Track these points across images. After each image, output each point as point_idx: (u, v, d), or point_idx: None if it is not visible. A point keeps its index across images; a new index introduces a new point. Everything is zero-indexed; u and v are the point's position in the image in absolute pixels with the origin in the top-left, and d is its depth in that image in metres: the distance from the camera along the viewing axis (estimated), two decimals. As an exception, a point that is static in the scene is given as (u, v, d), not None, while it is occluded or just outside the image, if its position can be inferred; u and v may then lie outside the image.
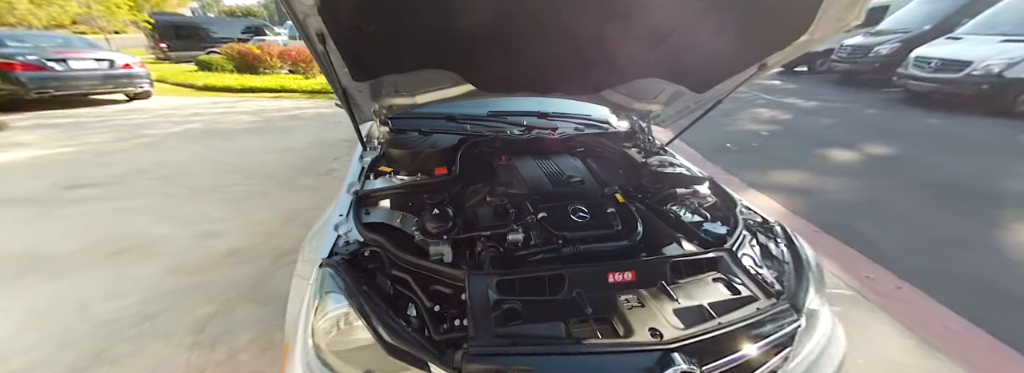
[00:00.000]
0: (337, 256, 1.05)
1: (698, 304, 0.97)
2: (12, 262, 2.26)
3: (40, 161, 3.91)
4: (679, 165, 1.78)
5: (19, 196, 3.06)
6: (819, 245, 2.75)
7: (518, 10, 1.08)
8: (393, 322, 0.89)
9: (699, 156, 4.87)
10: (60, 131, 4.94)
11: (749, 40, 1.27)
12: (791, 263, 1.20)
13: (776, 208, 3.40)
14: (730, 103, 8.24)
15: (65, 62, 5.86)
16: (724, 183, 3.94)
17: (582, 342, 0.86)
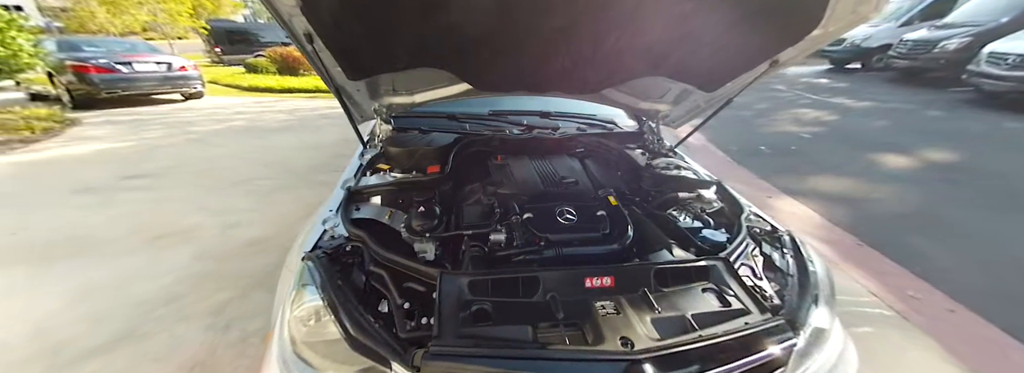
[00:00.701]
0: (319, 250, 1.08)
1: (680, 315, 0.91)
2: (71, 244, 2.53)
3: (105, 153, 4.36)
4: (686, 168, 1.68)
5: (85, 185, 3.42)
6: (860, 260, 2.52)
7: (506, 7, 1.05)
8: (362, 318, 0.89)
9: (727, 159, 4.60)
10: (124, 127, 5.48)
11: (757, 35, 1.19)
12: (795, 276, 1.10)
13: (812, 217, 3.14)
14: (767, 102, 7.83)
15: (131, 65, 6.50)
16: (754, 189, 3.67)
17: (546, 347, 0.83)
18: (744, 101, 7.54)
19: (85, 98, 6.35)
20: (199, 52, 16.62)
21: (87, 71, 6.14)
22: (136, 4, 12.31)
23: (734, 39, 1.20)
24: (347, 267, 1.05)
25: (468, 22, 1.10)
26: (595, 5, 1.06)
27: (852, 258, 2.55)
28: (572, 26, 1.14)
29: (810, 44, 1.18)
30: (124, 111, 6.45)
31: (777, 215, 3.14)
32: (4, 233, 2.63)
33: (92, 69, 6.16)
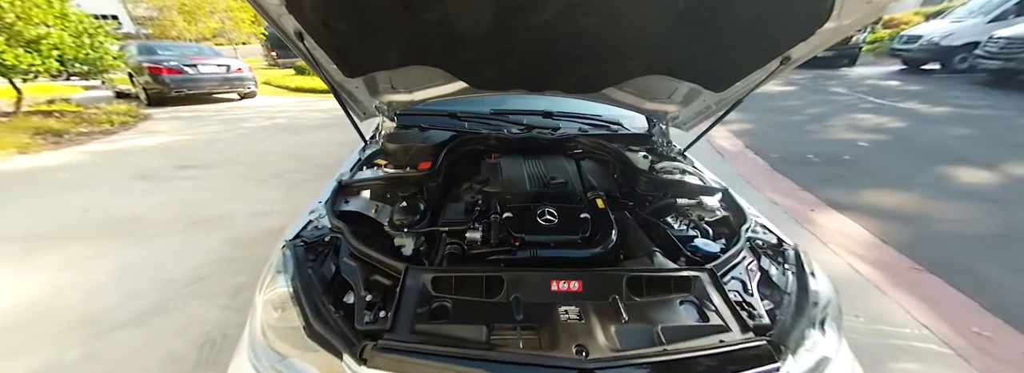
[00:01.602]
0: (299, 239, 1.10)
1: (648, 327, 0.85)
2: (125, 225, 2.82)
3: (166, 145, 4.86)
4: (693, 173, 1.56)
5: (144, 173, 3.83)
6: (913, 286, 2.21)
7: (489, 2, 1.02)
8: (323, 307, 0.90)
9: (766, 167, 4.24)
10: (185, 122, 6.08)
11: (765, 30, 1.09)
12: (793, 294, 0.99)
13: (860, 235, 2.80)
14: (822, 106, 7.21)
15: (196, 67, 7.23)
16: (794, 201, 3.36)
17: (495, 349, 0.80)
18: (793, 105, 6.96)
19: (157, 96, 7.14)
20: (259, 56, 18.17)
21: (160, 72, 6.90)
22: (207, 13, 13.75)
23: (740, 35, 1.11)
24: (322, 257, 1.07)
25: (453, 19, 1.08)
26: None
27: (903, 283, 2.24)
28: (563, 21, 1.09)
29: (824, 39, 1.09)
30: (188, 108, 7.17)
31: (818, 231, 2.84)
32: (78, 211, 3.00)
33: (164, 70, 6.91)
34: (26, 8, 4.84)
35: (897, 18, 13.21)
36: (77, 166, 4.08)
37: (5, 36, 4.82)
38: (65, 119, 5.61)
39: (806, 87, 8.54)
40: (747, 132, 5.61)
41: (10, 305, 1.97)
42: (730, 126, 5.93)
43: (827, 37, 1.10)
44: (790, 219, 3.04)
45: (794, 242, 1.22)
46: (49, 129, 5.12)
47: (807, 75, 9.93)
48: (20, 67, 4.98)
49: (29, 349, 1.69)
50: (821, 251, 2.60)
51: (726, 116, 1.59)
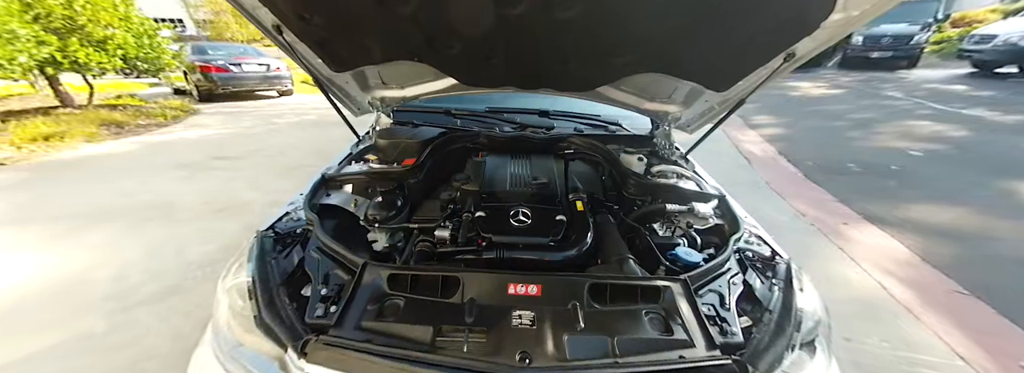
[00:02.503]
0: (272, 229, 1.14)
1: (604, 337, 0.80)
2: (155, 210, 3.07)
3: (207, 138, 5.25)
4: (690, 178, 1.47)
5: (183, 162, 4.15)
6: (951, 310, 1.97)
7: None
8: (278, 298, 0.92)
9: (798, 175, 3.95)
10: (227, 117, 6.54)
11: (762, 24, 1.00)
12: (775, 313, 0.90)
13: (897, 252, 2.54)
14: (873, 111, 6.67)
15: (240, 66, 7.77)
16: (825, 213, 3.12)
17: (435, 351, 0.79)
18: (837, 109, 6.44)
19: (207, 93, 7.73)
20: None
21: (209, 70, 7.47)
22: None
23: (734, 29, 1.03)
24: (290, 248, 1.10)
25: (426, 13, 1.07)
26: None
27: (940, 307, 2.00)
28: (541, 15, 1.05)
29: (831, 33, 0.99)
30: (232, 104, 7.70)
31: (848, 246, 2.60)
32: (121, 195, 3.30)
33: (213, 69, 7.48)
34: (95, 11, 5.39)
35: (968, 16, 11.89)
36: (130, 155, 4.49)
37: (78, 37, 5.39)
38: (127, 112, 6.20)
39: (855, 90, 7.88)
40: (781, 137, 5.25)
41: (52, 279, 2.19)
42: (763, 130, 5.58)
43: (834, 30, 1.00)
44: (816, 232, 2.80)
45: (788, 256, 1.12)
46: (113, 121, 5.68)
47: (858, 78, 9.16)
48: (90, 64, 5.56)
49: (64, 320, 1.87)
50: (846, 268, 2.37)
51: (728, 118, 1.48)
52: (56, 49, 5.16)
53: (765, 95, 7.97)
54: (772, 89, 8.59)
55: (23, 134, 4.53)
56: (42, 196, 3.29)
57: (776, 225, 2.89)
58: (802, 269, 1.06)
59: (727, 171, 4.01)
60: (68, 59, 5.39)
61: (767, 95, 7.98)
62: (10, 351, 1.68)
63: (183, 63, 7.60)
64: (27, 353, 1.69)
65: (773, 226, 2.83)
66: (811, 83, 9.00)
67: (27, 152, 4.30)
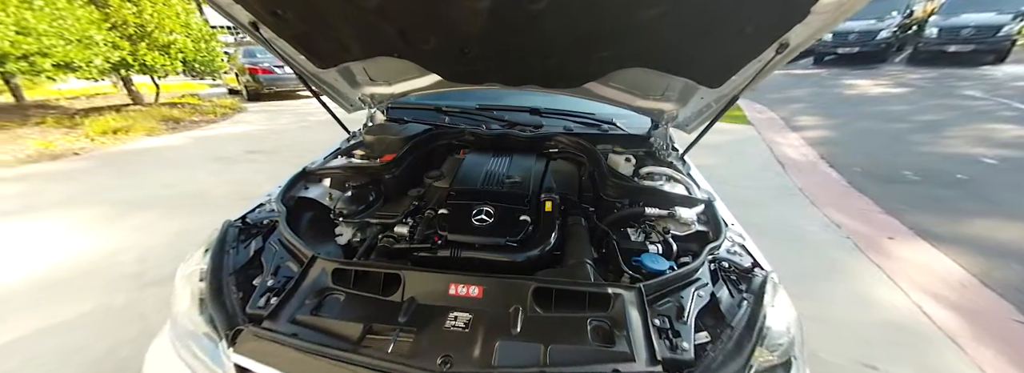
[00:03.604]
0: (242, 219, 1.19)
1: (538, 344, 0.76)
2: (189, 198, 3.34)
3: (247, 133, 5.67)
4: (680, 181, 1.37)
5: (222, 155, 4.51)
6: (1011, 343, 1.68)
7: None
8: (227, 287, 0.95)
9: (841, 182, 3.57)
10: (268, 115, 7.04)
11: (747, 11, 0.91)
12: (739, 329, 0.82)
13: (953, 273, 2.22)
14: (943, 112, 6.04)
15: (283, 67, 8.31)
16: (868, 225, 2.84)
17: (356, 350, 0.77)
18: (899, 110, 5.76)
19: (254, 92, 8.37)
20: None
21: (256, 72, 8.08)
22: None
23: (716, 19, 0.95)
24: (253, 238, 1.13)
25: (395, 6, 1.06)
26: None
27: (994, 338, 1.72)
28: (511, 7, 1.01)
29: (826, 19, 0.87)
30: (274, 103, 8.28)
31: (888, 263, 2.30)
32: (163, 185, 3.63)
33: (260, 71, 8.08)
34: (161, 19, 6.01)
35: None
36: (180, 148, 4.95)
37: (146, 42, 6.03)
38: (184, 110, 6.85)
39: (923, 89, 7.01)
40: (827, 141, 4.78)
41: (91, 257, 2.44)
42: (806, 133, 5.11)
43: (829, 16, 0.88)
44: (850, 246, 2.51)
45: (770, 269, 1.01)
46: (171, 117, 6.29)
47: (928, 74, 8.14)
48: (156, 67, 6.21)
49: (89, 294, 2.08)
50: (881, 287, 2.10)
51: (722, 115, 1.35)
52: (127, 53, 5.80)
53: (817, 94, 7.31)
54: (823, 87, 7.86)
55: (96, 128, 5.13)
56: (102, 183, 3.70)
57: (802, 237, 2.62)
58: (779, 283, 0.95)
59: (755, 176, 3.71)
60: (138, 62, 6.05)
61: (818, 94, 7.31)
62: (51, 315, 1.92)
63: (235, 65, 8.27)
64: (63, 319, 1.90)
65: (797, 238, 2.58)
66: (871, 81, 8.13)
67: (98, 143, 4.87)
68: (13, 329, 1.83)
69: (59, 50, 4.61)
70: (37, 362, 1.67)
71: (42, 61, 4.47)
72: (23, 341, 1.77)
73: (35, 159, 4.30)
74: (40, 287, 2.16)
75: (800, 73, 9.65)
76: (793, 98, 7.22)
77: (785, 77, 9.32)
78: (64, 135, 5.07)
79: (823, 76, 9.09)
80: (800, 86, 8.20)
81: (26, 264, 2.35)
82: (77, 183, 3.69)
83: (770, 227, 2.72)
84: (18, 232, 2.75)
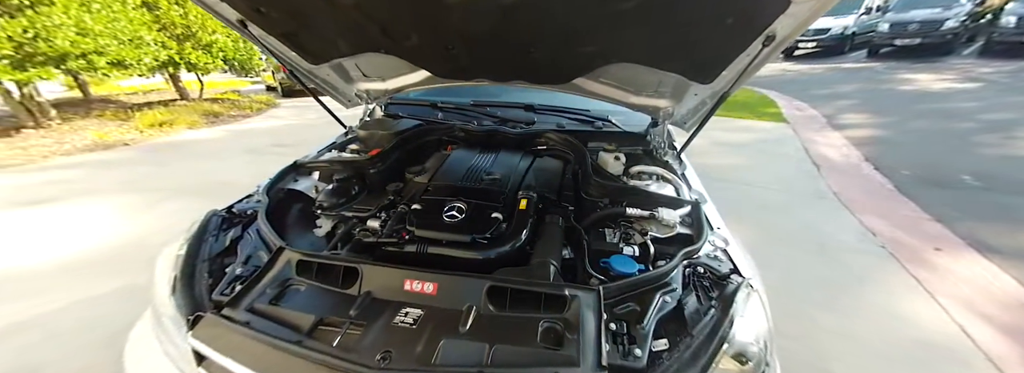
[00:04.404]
0: (228, 208, 1.23)
1: (483, 345, 0.75)
2: (218, 187, 3.55)
3: (276, 128, 5.97)
4: (670, 180, 1.30)
5: (252, 148, 4.77)
6: None
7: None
8: (199, 273, 0.98)
9: (885, 186, 3.24)
10: (298, 110, 7.37)
11: (731, 3, 0.87)
12: (699, 338, 0.79)
13: (1009, 291, 1.96)
14: (1016, 111, 5.49)
15: (315, 64, 8.68)
16: (912, 235, 2.64)
17: (301, 343, 0.77)
18: (964, 108, 5.17)
19: (288, 89, 8.80)
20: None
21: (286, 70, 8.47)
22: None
23: (694, 11, 0.91)
24: (233, 227, 1.17)
25: (372, 2, 1.05)
26: None
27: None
28: (482, 1, 0.98)
29: (812, 8, 0.82)
30: (305, 100, 8.63)
31: (931, 277, 2.06)
32: (198, 174, 3.89)
33: (292, 67, 8.48)
34: (205, 20, 6.42)
35: None
36: (216, 140, 5.29)
37: (191, 42, 6.47)
38: (224, 105, 7.31)
39: (997, 84, 6.23)
40: (874, 140, 4.36)
41: (121, 240, 2.65)
42: (850, 132, 4.68)
43: (815, 5, 0.82)
44: (886, 256, 2.27)
45: (748, 277, 0.93)
46: (212, 112, 6.73)
47: (1004, 68, 7.23)
48: (199, 64, 6.66)
49: (119, 272, 2.25)
50: (917, 304, 1.88)
51: (714, 112, 1.26)
52: (174, 52, 6.26)
53: (868, 90, 6.68)
54: (876, 83, 7.18)
55: (144, 121, 5.58)
56: (145, 172, 4.01)
57: (828, 245, 2.40)
58: (755, 292, 0.89)
59: (784, 178, 3.44)
60: (183, 60, 6.51)
61: (870, 90, 6.68)
62: (85, 290, 2.10)
63: (271, 63, 8.72)
64: (94, 294, 2.07)
65: (823, 246, 2.36)
66: (933, 75, 7.33)
67: (146, 135, 5.30)
68: (50, 301, 2.01)
69: (113, 49, 5.03)
70: (63, 330, 1.83)
71: (98, 59, 4.89)
72: (56, 313, 1.95)
73: (91, 148, 4.74)
74: (79, 265, 2.37)
75: (850, 67, 8.88)
76: (840, 94, 6.65)
77: (832, 71, 8.62)
78: (118, 127, 5.56)
79: (877, 70, 8.31)
80: (849, 81, 7.54)
81: (70, 244, 2.59)
82: (123, 171, 4.03)
83: (793, 234, 2.51)
84: (66, 214, 3.03)
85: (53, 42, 4.31)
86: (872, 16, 10.19)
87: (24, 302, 2.01)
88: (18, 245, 2.60)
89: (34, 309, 1.96)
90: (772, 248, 2.35)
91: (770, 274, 2.08)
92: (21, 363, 1.65)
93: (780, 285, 2.00)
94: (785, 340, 1.65)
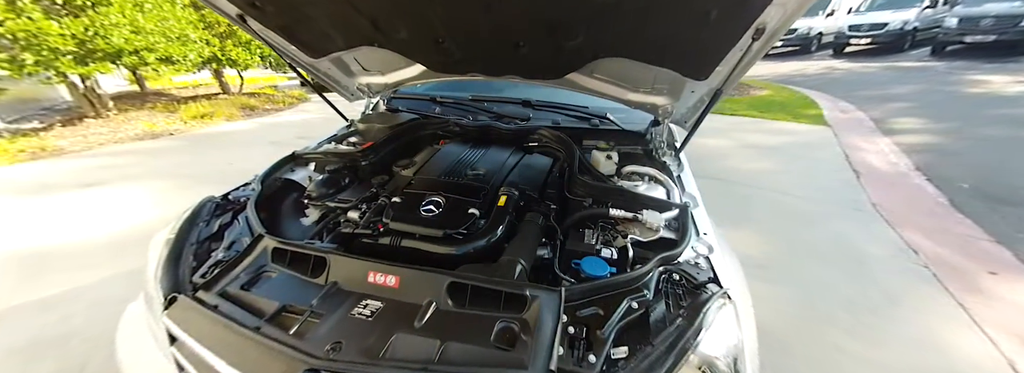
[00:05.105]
0: (223, 195, 1.27)
1: (433, 341, 0.74)
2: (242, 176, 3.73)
3: (303, 121, 6.23)
4: (663, 182, 1.23)
5: (276, 140, 5.00)
6: None
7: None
8: (184, 256, 1.02)
9: (938, 199, 2.92)
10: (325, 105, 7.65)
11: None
12: (659, 349, 0.74)
13: None
14: None
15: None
16: (966, 257, 2.46)
17: (259, 329, 0.78)
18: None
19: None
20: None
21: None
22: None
23: (685, 3, 0.86)
24: (226, 213, 1.20)
25: None
26: None
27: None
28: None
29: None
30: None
31: (980, 304, 1.84)
32: (225, 163, 4.12)
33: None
34: (245, 18, 6.79)
35: None
36: (248, 132, 5.59)
37: (232, 40, 6.87)
38: (260, 99, 7.72)
39: (1090, 86, 5.47)
40: (932, 147, 3.94)
41: (155, 221, 2.84)
42: (903, 137, 4.26)
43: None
44: (928, 277, 2.03)
45: (727, 287, 0.87)
46: (248, 105, 7.13)
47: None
48: (239, 61, 7.06)
49: (139, 255, 2.42)
50: (957, 330, 1.68)
51: (709, 111, 1.17)
52: (217, 49, 6.67)
53: (927, 92, 6.06)
54: (938, 84, 6.50)
55: (188, 113, 6.00)
56: (183, 160, 4.30)
57: (859, 262, 2.18)
58: (730, 303, 0.83)
59: (817, 186, 3.17)
60: (225, 57, 6.92)
61: (930, 92, 6.06)
62: (118, 267, 2.27)
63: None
64: (128, 269, 2.23)
65: (852, 262, 2.15)
66: (1008, 77, 6.54)
67: (188, 126, 5.69)
68: (86, 276, 2.19)
69: (162, 46, 5.43)
70: (100, 302, 1.97)
71: (148, 55, 5.30)
72: (92, 287, 2.11)
73: (140, 137, 5.15)
74: (116, 244, 2.56)
75: (909, 65, 8.09)
76: (894, 96, 6.08)
77: (887, 70, 7.89)
78: (165, 118, 6.00)
79: (940, 70, 7.53)
80: (906, 81, 6.88)
81: (109, 224, 2.82)
82: (165, 159, 4.34)
83: (820, 248, 2.31)
84: (111, 197, 3.30)
85: (110, 39, 4.71)
86: (938, 10, 9.22)
87: (70, 274, 2.19)
88: (69, 223, 2.85)
89: (79, 281, 2.13)
90: (795, 263, 2.17)
91: (787, 291, 1.95)
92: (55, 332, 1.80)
93: (799, 304, 1.84)
94: (798, 364, 1.52)
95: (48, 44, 4.22)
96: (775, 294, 1.93)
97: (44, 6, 4.36)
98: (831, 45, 10.68)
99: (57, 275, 2.21)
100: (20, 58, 4.24)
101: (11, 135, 4.89)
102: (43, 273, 2.24)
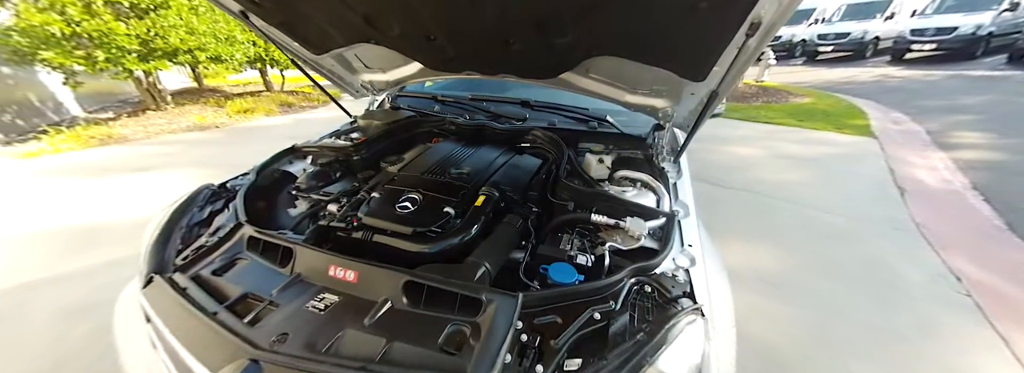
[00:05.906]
0: (220, 184, 1.35)
1: (381, 340, 0.73)
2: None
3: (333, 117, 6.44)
4: (654, 189, 1.18)
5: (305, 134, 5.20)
6: None
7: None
8: (173, 239, 1.09)
9: (992, 221, 2.61)
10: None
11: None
12: (611, 364, 0.70)
13: None
14: None
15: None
16: (1015, 282, 2.22)
17: (215, 315, 0.81)
18: None
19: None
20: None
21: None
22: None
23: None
24: (221, 200, 1.28)
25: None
26: None
27: None
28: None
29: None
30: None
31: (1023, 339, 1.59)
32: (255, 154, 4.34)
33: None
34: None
35: None
36: (282, 126, 5.94)
37: (275, 40, 7.35)
38: (298, 96, 8.18)
39: None
40: (995, 165, 3.52)
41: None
42: (960, 153, 3.84)
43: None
44: (970, 307, 1.81)
45: (701, 303, 0.81)
46: (287, 102, 7.57)
47: None
48: (281, 61, 7.53)
49: None
50: (996, 366, 1.47)
51: (707, 114, 1.10)
52: (261, 49, 7.14)
53: (998, 103, 5.43)
54: (1013, 95, 5.79)
55: (233, 108, 6.46)
56: (222, 151, 4.63)
57: (893, 286, 1.98)
58: (701, 320, 0.76)
59: (856, 202, 2.91)
60: (268, 56, 7.41)
61: (1001, 103, 5.43)
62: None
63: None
64: None
65: (887, 288, 1.95)
66: (1101, 88, 5.74)
67: (233, 120, 6.13)
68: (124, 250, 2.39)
69: (212, 46, 5.89)
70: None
71: (200, 54, 5.77)
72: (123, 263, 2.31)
73: (190, 129, 5.60)
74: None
75: (980, 74, 7.30)
76: (959, 107, 5.50)
77: (953, 79, 7.16)
78: (213, 112, 6.49)
79: (1017, 80, 6.73)
80: (974, 92, 6.20)
81: (146, 207, 3.08)
82: (207, 149, 4.70)
83: (849, 268, 2.11)
84: (156, 182, 3.61)
85: (168, 39, 5.17)
86: (1018, 13, 8.25)
87: (111, 248, 2.40)
88: (117, 203, 3.15)
89: (118, 254, 2.33)
90: (815, 283, 2.00)
91: (800, 314, 1.80)
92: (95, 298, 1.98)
93: (812, 329, 1.69)
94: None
95: (116, 43, 4.70)
96: (786, 315, 1.79)
97: (114, 9, 4.87)
98: (889, 51, 9.84)
99: (101, 249, 2.44)
100: (93, 55, 4.75)
101: (87, 124, 5.47)
102: (90, 247, 2.48)
